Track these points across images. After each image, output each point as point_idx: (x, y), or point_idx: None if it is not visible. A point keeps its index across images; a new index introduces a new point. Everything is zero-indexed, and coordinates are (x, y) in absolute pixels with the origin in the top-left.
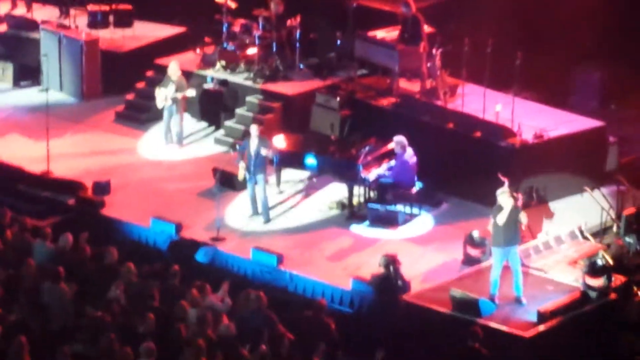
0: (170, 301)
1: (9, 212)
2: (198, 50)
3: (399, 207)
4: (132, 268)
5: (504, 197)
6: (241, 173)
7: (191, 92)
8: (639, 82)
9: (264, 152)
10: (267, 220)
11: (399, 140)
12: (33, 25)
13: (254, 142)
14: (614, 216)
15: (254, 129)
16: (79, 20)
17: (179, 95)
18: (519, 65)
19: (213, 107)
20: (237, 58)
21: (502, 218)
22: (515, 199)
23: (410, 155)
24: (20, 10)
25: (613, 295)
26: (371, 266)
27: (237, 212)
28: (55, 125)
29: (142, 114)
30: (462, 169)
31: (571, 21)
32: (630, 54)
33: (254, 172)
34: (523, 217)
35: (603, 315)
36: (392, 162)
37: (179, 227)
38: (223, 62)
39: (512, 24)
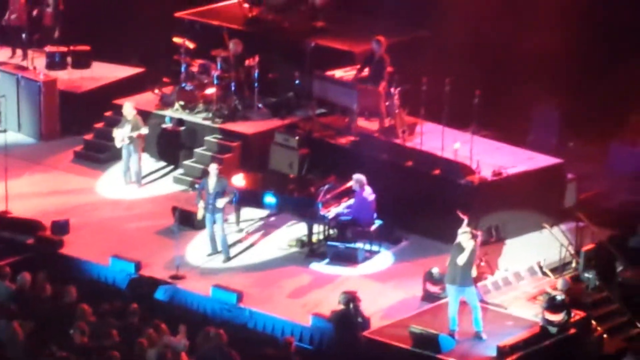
0: (130, 339)
1: None
2: (157, 91)
3: (359, 245)
4: (87, 309)
5: (466, 237)
6: (200, 212)
7: (144, 130)
8: (597, 119)
9: (220, 203)
10: (227, 258)
11: (357, 178)
12: None
13: (212, 181)
14: (572, 252)
15: (213, 168)
16: (37, 61)
17: (135, 134)
18: (477, 104)
19: (171, 146)
20: (195, 98)
21: (462, 259)
22: (476, 238)
23: (369, 193)
24: None
25: (572, 330)
26: (331, 303)
27: (196, 250)
28: (13, 166)
29: (101, 153)
30: (421, 206)
31: (530, 59)
32: (588, 92)
33: (213, 211)
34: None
35: (563, 350)
36: (351, 200)
37: (138, 266)
38: (182, 102)
39: (470, 63)
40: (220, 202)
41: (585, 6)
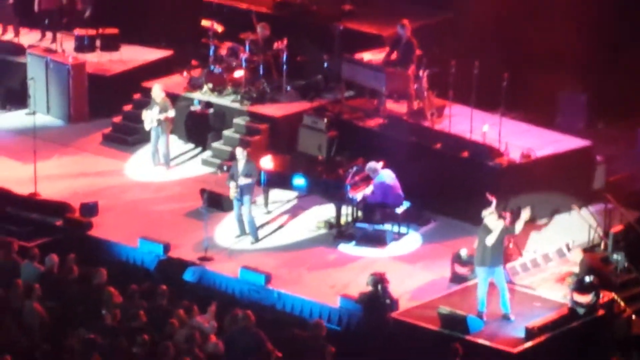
0: (158, 321)
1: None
2: (185, 73)
3: (387, 226)
4: (114, 291)
5: (492, 218)
6: (232, 192)
7: (171, 112)
8: (626, 100)
9: (241, 180)
10: (256, 240)
11: (369, 167)
12: (20, 49)
13: (240, 164)
14: (601, 234)
15: (239, 152)
16: (66, 44)
17: (163, 117)
18: (506, 86)
19: (199, 128)
20: (224, 81)
21: (491, 239)
22: (504, 219)
23: (388, 176)
24: (9, 36)
25: (601, 312)
26: (359, 284)
27: (224, 232)
28: (42, 148)
29: (130, 136)
30: (450, 188)
31: (558, 41)
32: (617, 73)
33: (241, 194)
34: (518, 228)
35: (591, 332)
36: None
37: (166, 247)
38: (210, 85)
39: (498, 45)
40: (242, 180)
41: None
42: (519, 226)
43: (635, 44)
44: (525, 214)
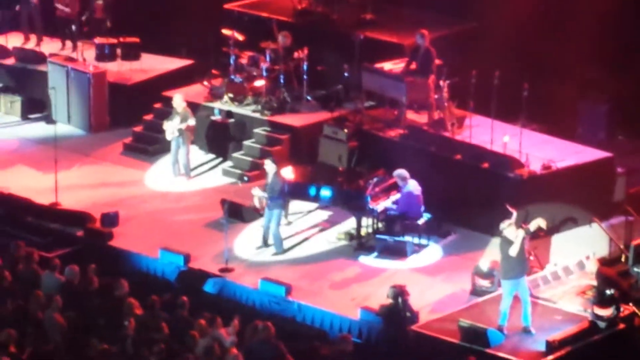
0: (179, 332)
1: (23, 245)
2: (205, 83)
3: (407, 238)
4: (135, 303)
5: (511, 229)
6: (255, 202)
7: (192, 121)
8: None
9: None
10: (280, 251)
11: (399, 174)
12: (41, 58)
13: (268, 178)
14: (622, 246)
15: (267, 164)
16: (87, 53)
17: (184, 126)
18: (526, 97)
19: (220, 138)
20: (244, 90)
21: (514, 249)
22: (524, 229)
23: (414, 187)
24: (31, 44)
25: (622, 325)
26: (379, 296)
27: (245, 243)
28: (63, 158)
29: (150, 145)
30: (470, 200)
31: (578, 52)
32: (637, 84)
33: (270, 207)
34: (542, 222)
35: (612, 346)
36: (399, 195)
37: (187, 258)
38: (231, 94)
39: (518, 56)
40: (260, 193)
41: None
42: (532, 226)
43: None
44: (540, 221)
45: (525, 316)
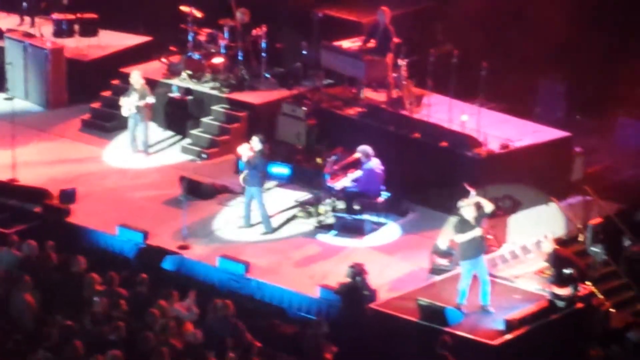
0: (138, 309)
1: None
2: (164, 59)
3: (366, 216)
4: (96, 278)
5: (469, 209)
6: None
7: (150, 99)
8: (605, 92)
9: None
10: (270, 231)
11: (363, 150)
12: None
13: (254, 155)
14: (579, 226)
15: (254, 142)
16: (45, 29)
17: (142, 103)
18: (485, 76)
19: (178, 115)
20: (202, 67)
21: (472, 232)
22: (478, 208)
23: (377, 164)
24: None
25: (580, 305)
26: (338, 274)
27: (204, 220)
28: (20, 134)
29: (108, 122)
30: (429, 178)
31: (536, 32)
32: (595, 64)
33: (249, 183)
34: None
35: (570, 324)
36: (359, 172)
37: (145, 235)
38: (189, 71)
39: (477, 35)
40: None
41: None
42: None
43: (620, 36)
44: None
45: (484, 295)
